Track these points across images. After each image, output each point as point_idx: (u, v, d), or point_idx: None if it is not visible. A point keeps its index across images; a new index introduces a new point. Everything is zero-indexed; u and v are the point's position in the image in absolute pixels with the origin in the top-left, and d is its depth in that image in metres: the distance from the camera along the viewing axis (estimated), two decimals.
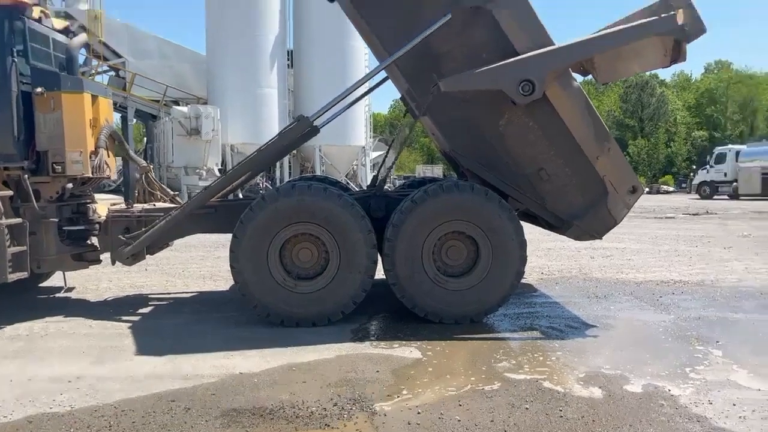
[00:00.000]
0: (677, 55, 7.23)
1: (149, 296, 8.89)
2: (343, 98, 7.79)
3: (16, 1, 7.26)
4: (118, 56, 28.26)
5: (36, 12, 7.54)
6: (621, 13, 7.83)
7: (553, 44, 7.12)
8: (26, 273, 7.11)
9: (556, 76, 7.03)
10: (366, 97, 12.79)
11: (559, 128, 7.24)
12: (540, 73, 6.89)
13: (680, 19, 6.94)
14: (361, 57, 28.52)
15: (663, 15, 6.99)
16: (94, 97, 7.71)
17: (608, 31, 7.33)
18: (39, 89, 7.07)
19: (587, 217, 7.57)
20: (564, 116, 7.20)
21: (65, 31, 8.33)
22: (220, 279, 10.08)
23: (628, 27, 7.17)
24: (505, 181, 7.56)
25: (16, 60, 7.01)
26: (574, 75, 7.60)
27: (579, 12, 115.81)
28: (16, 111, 6.99)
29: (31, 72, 7.24)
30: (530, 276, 10.20)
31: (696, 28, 7.07)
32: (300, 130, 7.51)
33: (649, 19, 7.08)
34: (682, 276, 10.46)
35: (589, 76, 8.37)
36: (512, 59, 6.96)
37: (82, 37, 8.60)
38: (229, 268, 7.11)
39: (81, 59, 7.92)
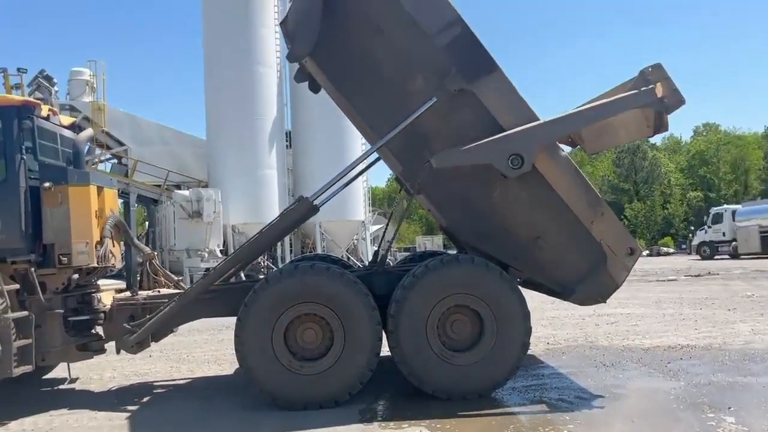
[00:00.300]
0: (660, 125, 7.54)
1: (154, 384, 8.81)
2: (341, 178, 7.99)
3: (25, 100, 7.60)
4: (121, 144, 28.93)
5: (44, 110, 7.85)
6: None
7: (538, 119, 7.38)
8: (31, 366, 7.09)
9: (544, 149, 7.25)
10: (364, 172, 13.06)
11: (551, 197, 7.39)
12: (528, 147, 7.09)
13: (659, 92, 7.28)
14: (357, 134, 29.11)
15: (642, 89, 7.32)
16: (100, 188, 7.92)
17: (591, 105, 7.63)
18: (47, 184, 7.27)
19: (589, 282, 7.61)
20: (555, 185, 7.36)
21: (72, 127, 8.64)
22: (225, 362, 10.01)
23: (610, 101, 7.50)
24: (504, 251, 7.65)
25: (25, 157, 7.25)
26: (563, 146, 7.85)
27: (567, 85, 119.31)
28: (24, 206, 7.17)
29: (39, 167, 7.46)
30: (536, 346, 10.14)
31: (675, 99, 7.42)
32: (300, 211, 7.68)
33: (629, 93, 7.41)
34: (689, 340, 10.40)
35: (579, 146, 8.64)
36: (501, 134, 7.18)
37: (88, 132, 8.91)
38: (234, 352, 7.10)
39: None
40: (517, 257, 7.64)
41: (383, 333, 7.27)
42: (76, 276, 7.55)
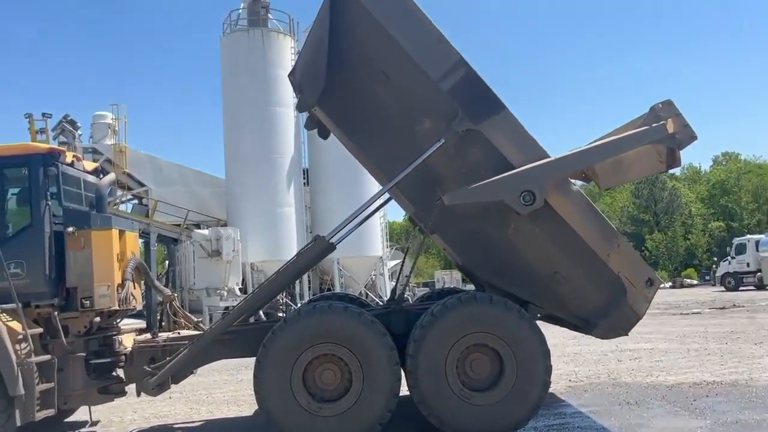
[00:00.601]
0: (672, 161, 7.58)
1: (174, 426, 8.81)
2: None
3: (51, 148, 7.82)
4: (142, 185, 29.41)
5: (69, 156, 8.06)
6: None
7: (548, 155, 7.40)
8: (54, 410, 7.15)
9: (555, 185, 7.27)
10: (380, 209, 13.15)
11: (566, 231, 7.39)
12: (540, 183, 7.13)
13: (670, 128, 7.33)
14: None
15: (654, 125, 7.37)
16: (121, 232, 8.06)
17: (602, 141, 7.68)
18: (70, 229, 7.42)
19: (610, 315, 7.56)
20: (568, 220, 7.36)
21: (95, 172, 8.85)
22: (245, 404, 9.99)
23: (621, 137, 7.55)
24: (522, 287, 7.64)
25: (50, 203, 7.43)
26: (575, 181, 7.88)
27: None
28: (48, 251, 7.32)
29: (64, 213, 7.63)
30: (558, 384, 10.00)
31: (686, 135, 7.48)
32: (317, 250, 7.75)
33: (640, 129, 7.48)
34: (714, 376, 10.20)
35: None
36: (513, 171, 7.21)
37: (111, 177, 9.11)
38: (254, 393, 7.11)
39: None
40: (536, 293, 7.61)
41: (402, 373, 7.24)
42: (98, 319, 7.64)
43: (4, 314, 7.00)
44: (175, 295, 9.29)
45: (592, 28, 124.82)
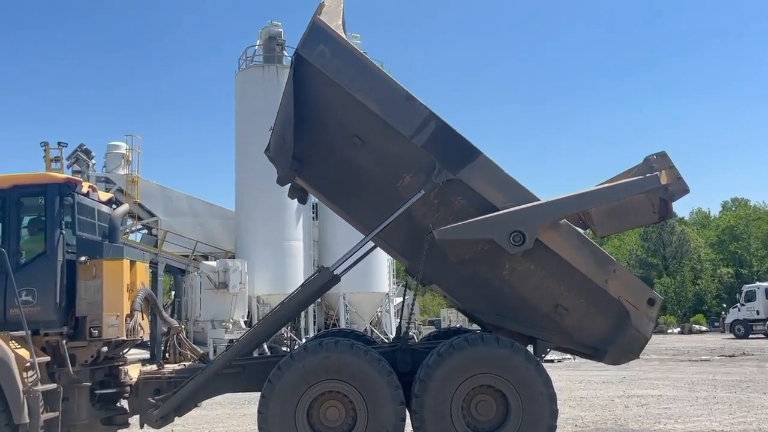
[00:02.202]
0: (665, 212, 7.66)
1: None
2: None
3: (68, 178, 7.96)
4: (152, 215, 29.64)
5: (85, 187, 8.20)
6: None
7: (533, 196, 7.48)
8: None
9: (545, 227, 7.27)
10: None
11: (560, 264, 7.40)
12: (530, 224, 7.16)
13: (663, 180, 7.45)
14: None
15: (647, 175, 7.49)
16: (132, 262, 8.14)
17: (595, 188, 7.77)
18: (83, 258, 7.51)
19: (617, 340, 7.55)
20: (561, 253, 7.37)
21: (109, 202, 8.98)
22: None
23: (613, 185, 7.69)
24: (527, 324, 7.67)
25: (64, 232, 7.53)
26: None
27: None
28: (60, 279, 7.40)
29: (77, 242, 7.73)
30: (564, 428, 9.88)
31: (679, 187, 7.62)
32: (321, 281, 7.81)
33: (633, 179, 7.61)
34: (723, 426, 10.06)
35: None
36: (504, 211, 7.26)
37: (124, 208, 9.25)
38: (257, 429, 7.07)
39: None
40: (541, 328, 7.64)
41: (407, 412, 7.20)
42: (105, 349, 7.66)
43: (13, 341, 7.05)
44: (182, 326, 9.30)
45: (602, 72, 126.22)
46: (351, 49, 7.44)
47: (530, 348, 7.86)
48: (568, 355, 24.86)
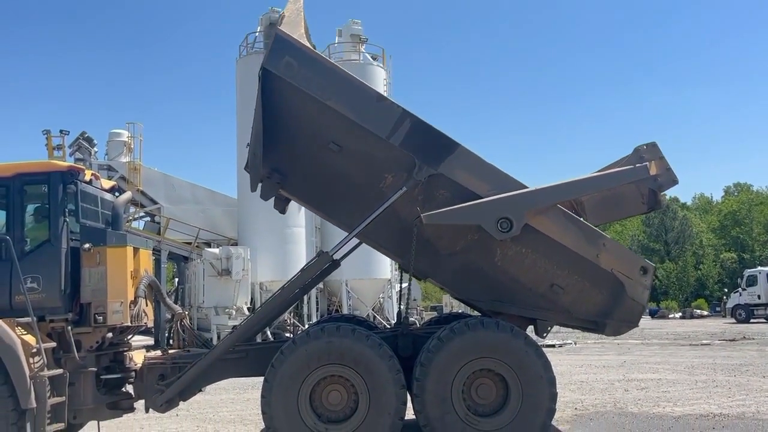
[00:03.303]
0: (654, 203, 7.70)
1: None
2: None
3: (71, 166, 8.00)
4: (155, 203, 29.67)
5: (88, 175, 8.25)
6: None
7: (516, 182, 7.52)
8: (63, 424, 7.23)
9: (533, 214, 7.31)
10: None
11: (550, 245, 7.46)
12: (518, 212, 7.20)
13: (653, 170, 7.49)
14: None
15: (636, 165, 7.53)
16: (136, 249, 8.20)
17: (584, 177, 7.81)
18: (87, 245, 7.57)
19: (615, 311, 7.63)
20: (549, 233, 7.42)
21: (112, 190, 9.03)
22: (251, 423, 10.03)
23: (602, 174, 7.75)
24: (525, 307, 7.77)
25: (68, 219, 7.59)
26: None
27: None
28: (64, 267, 7.47)
29: (81, 229, 7.80)
30: (564, 411, 9.99)
31: (668, 178, 7.68)
32: (321, 265, 7.88)
33: (622, 168, 7.66)
34: (721, 408, 10.16)
35: None
36: (493, 197, 7.29)
37: (127, 195, 9.30)
38: (261, 413, 7.18)
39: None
40: (540, 308, 7.74)
41: (408, 396, 7.30)
42: (110, 335, 7.76)
43: (19, 327, 7.13)
44: (186, 312, 9.40)
45: (608, 57, 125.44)
46: (317, 56, 7.47)
47: (531, 329, 7.98)
48: (569, 340, 25.07)
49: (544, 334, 8.02)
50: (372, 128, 7.27)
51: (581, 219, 7.66)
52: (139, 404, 8.10)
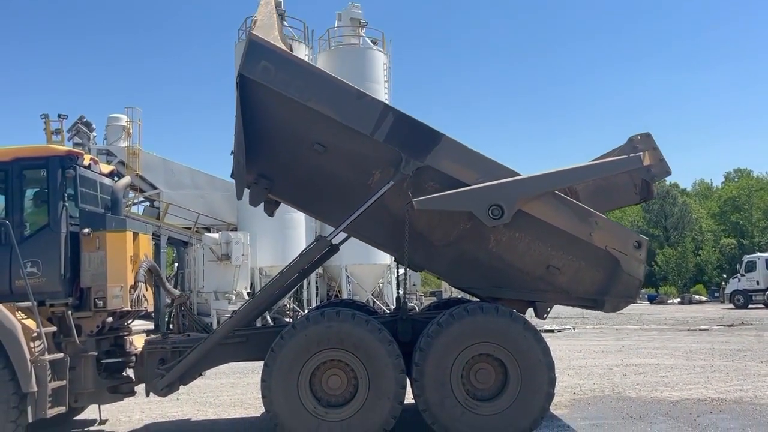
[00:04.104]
0: (647, 193, 7.70)
1: (182, 427, 8.91)
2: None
3: (69, 151, 7.98)
4: (154, 188, 29.63)
5: (86, 159, 8.23)
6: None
7: (505, 168, 7.50)
8: (64, 408, 7.28)
9: (524, 202, 7.29)
10: None
11: (543, 227, 7.46)
12: (509, 199, 7.18)
13: (646, 161, 7.48)
14: None
15: (630, 155, 7.52)
16: (135, 234, 8.20)
17: (577, 166, 7.79)
18: (86, 230, 7.57)
19: (613, 288, 7.65)
20: (541, 216, 7.41)
21: (111, 175, 9.02)
22: (251, 407, 10.09)
23: (596, 163, 7.75)
24: (523, 291, 7.80)
25: (67, 204, 7.58)
26: None
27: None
28: (64, 251, 7.47)
29: (80, 214, 7.79)
30: (562, 396, 10.04)
31: (661, 169, 7.68)
32: (319, 250, 7.89)
33: (616, 158, 7.65)
34: (719, 393, 10.21)
35: None
36: (486, 184, 7.28)
37: (126, 180, 9.28)
38: (261, 397, 7.22)
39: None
40: (538, 290, 7.77)
41: (407, 381, 7.33)
42: (110, 319, 7.78)
43: (20, 312, 7.15)
44: (187, 296, 9.42)
45: (598, 37, 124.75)
46: (293, 59, 7.42)
47: (531, 312, 8.03)
48: (568, 326, 25.16)
49: (544, 316, 8.07)
50: (355, 126, 7.24)
51: (571, 199, 7.64)
52: (140, 388, 8.15)
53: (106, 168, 8.99)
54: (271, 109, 7.32)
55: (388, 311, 18.03)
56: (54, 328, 7.41)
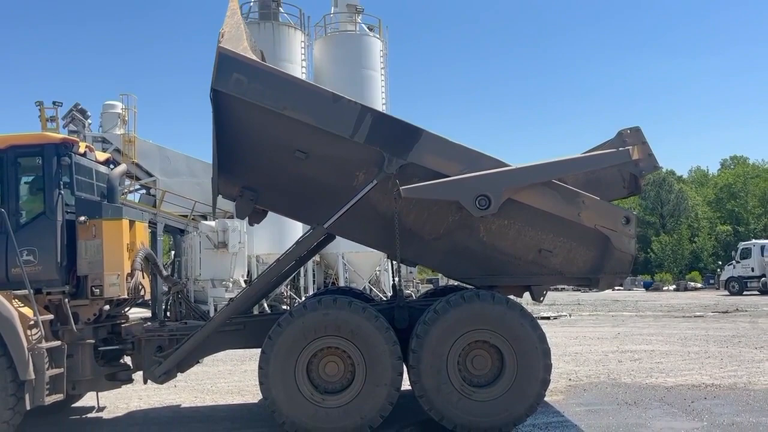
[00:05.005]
0: (634, 187, 7.72)
1: (180, 414, 8.95)
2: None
3: (65, 138, 7.94)
4: (150, 175, 29.56)
5: (82, 147, 8.18)
6: None
7: (488, 157, 7.49)
8: (62, 395, 7.30)
9: (512, 193, 7.29)
10: None
11: (531, 212, 7.48)
12: (497, 190, 7.18)
13: (635, 155, 7.48)
14: None
15: (619, 149, 7.52)
16: (132, 222, 8.19)
17: (565, 158, 7.78)
18: (82, 218, 7.55)
19: (606, 265, 7.69)
20: (528, 202, 7.42)
21: (107, 162, 8.98)
22: (248, 394, 10.14)
23: (584, 156, 7.75)
24: (517, 276, 7.86)
25: (62, 192, 7.56)
26: None
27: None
28: (60, 239, 7.45)
29: (76, 202, 7.76)
30: (558, 382, 10.11)
31: (649, 164, 7.69)
32: (316, 238, 7.89)
33: (604, 151, 7.65)
34: (713, 379, 10.29)
35: None
36: (473, 174, 7.27)
37: (122, 168, 9.25)
38: (258, 384, 7.25)
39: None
40: (532, 274, 7.82)
41: (404, 367, 7.37)
42: (107, 307, 7.78)
43: (16, 300, 7.15)
44: (184, 284, 9.43)
45: (595, 23, 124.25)
46: (265, 68, 7.35)
47: (528, 298, 8.07)
48: (564, 312, 25.25)
49: (541, 298, 8.12)
50: (334, 130, 7.21)
51: (555, 181, 7.64)
52: (138, 375, 8.17)
53: (101, 156, 8.95)
54: (249, 120, 7.31)
55: (384, 298, 18.08)
56: (51, 316, 7.40)
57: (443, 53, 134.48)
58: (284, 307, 24.47)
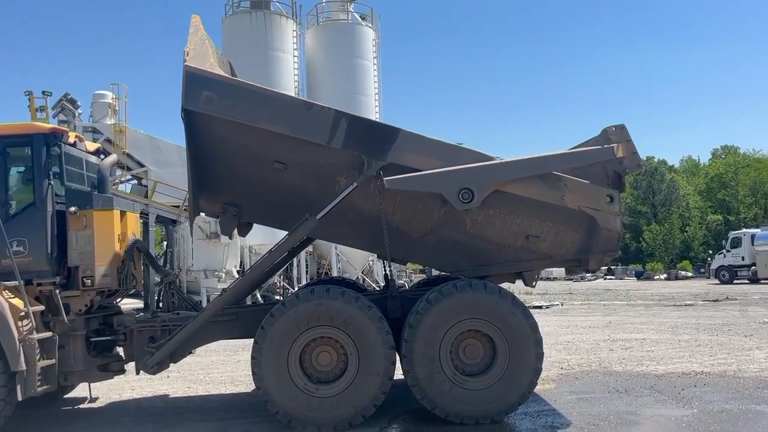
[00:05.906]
0: (619, 185, 7.74)
1: (173, 404, 8.95)
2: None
3: (54, 128, 7.88)
4: (141, 165, 29.42)
5: (72, 137, 8.12)
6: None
7: (467, 150, 7.52)
8: (54, 386, 7.28)
9: (495, 187, 7.29)
10: None
11: (515, 200, 7.50)
12: (480, 184, 7.18)
13: (619, 152, 7.50)
14: None
15: (604, 146, 7.54)
16: (123, 213, 8.15)
17: (550, 153, 7.79)
18: (73, 209, 7.50)
19: (594, 245, 7.74)
20: (510, 190, 7.43)
21: (97, 152, 8.92)
22: (241, 384, 10.15)
23: (568, 152, 7.75)
24: (508, 264, 7.91)
25: (52, 182, 7.50)
26: None
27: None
28: (51, 230, 7.41)
29: (66, 192, 7.71)
30: (550, 371, 10.17)
31: (633, 162, 7.71)
32: (308, 228, 7.88)
33: (588, 148, 7.67)
34: (703, 367, 10.37)
35: None
36: (457, 167, 7.27)
37: (113, 158, 9.19)
38: (251, 374, 7.25)
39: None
40: (522, 260, 7.87)
41: (397, 357, 7.39)
42: (98, 298, 7.75)
43: (7, 291, 7.11)
44: (177, 274, 9.39)
45: (593, 18, 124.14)
46: (234, 82, 7.32)
47: (521, 286, 8.12)
48: (556, 302, 25.38)
49: (534, 284, 8.18)
50: (310, 138, 7.17)
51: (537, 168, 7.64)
52: (130, 366, 8.15)
53: (92, 145, 8.89)
54: (223, 136, 7.26)
55: (377, 288, 18.11)
56: (42, 307, 7.37)
57: (436, 43, 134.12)
58: (277, 297, 24.45)
